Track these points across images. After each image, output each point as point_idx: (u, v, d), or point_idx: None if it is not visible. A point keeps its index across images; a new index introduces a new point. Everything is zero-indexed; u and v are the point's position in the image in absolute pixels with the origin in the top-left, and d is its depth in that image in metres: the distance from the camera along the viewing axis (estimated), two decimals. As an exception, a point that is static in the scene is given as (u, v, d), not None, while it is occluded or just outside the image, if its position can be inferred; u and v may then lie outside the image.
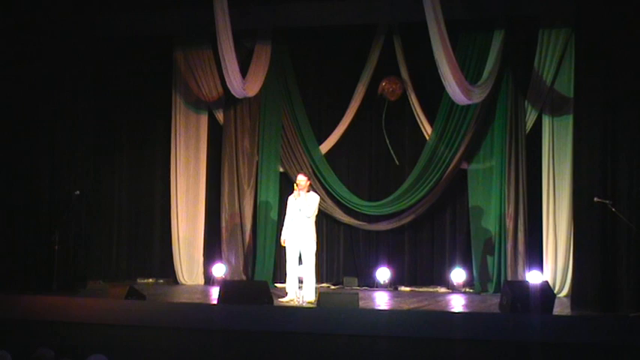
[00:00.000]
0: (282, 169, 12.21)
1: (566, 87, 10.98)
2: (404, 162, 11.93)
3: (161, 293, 10.84)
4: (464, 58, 11.18)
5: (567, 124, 10.86)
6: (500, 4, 11.02)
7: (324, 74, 12.26)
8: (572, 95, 10.40)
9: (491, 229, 11.29)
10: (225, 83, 11.25)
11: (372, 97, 11.82)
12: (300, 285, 9.77)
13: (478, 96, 10.80)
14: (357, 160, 12.22)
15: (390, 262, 11.81)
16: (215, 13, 10.14)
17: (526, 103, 11.24)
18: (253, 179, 12.23)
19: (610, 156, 8.88)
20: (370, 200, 11.97)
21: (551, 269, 10.95)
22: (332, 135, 12.03)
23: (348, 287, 11.69)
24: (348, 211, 12.00)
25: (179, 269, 12.33)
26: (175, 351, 7.96)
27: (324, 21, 11.53)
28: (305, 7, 11.47)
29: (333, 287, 11.85)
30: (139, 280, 12.35)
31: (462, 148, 11.42)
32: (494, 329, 7.58)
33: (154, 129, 12.75)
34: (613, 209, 8.66)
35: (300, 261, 9.79)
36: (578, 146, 9.33)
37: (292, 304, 9.54)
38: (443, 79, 10.08)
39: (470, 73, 11.16)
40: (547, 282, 9.67)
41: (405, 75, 11.66)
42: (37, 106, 10.57)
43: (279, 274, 11.73)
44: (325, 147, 12.06)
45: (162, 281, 12.41)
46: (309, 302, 9.48)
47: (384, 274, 11.67)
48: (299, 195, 9.81)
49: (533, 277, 10.72)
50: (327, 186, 11.99)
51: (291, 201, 9.91)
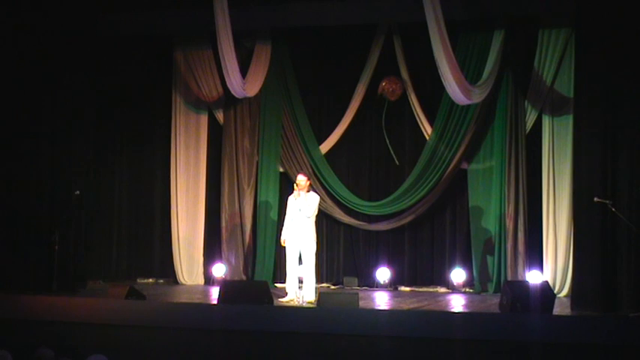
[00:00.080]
0: (282, 169, 12.20)
1: (566, 87, 10.98)
2: (404, 162, 11.93)
3: (161, 293, 10.83)
4: (464, 58, 11.18)
5: (567, 124, 10.85)
6: (500, 4, 11.01)
7: (324, 74, 12.25)
8: (572, 95, 10.39)
9: (491, 229, 11.29)
10: (225, 83, 11.25)
11: (372, 97, 11.82)
12: (300, 285, 9.76)
13: (478, 96, 10.80)
14: (357, 160, 12.22)
15: (390, 262, 11.81)
16: (215, 13, 10.15)
17: (526, 103, 11.23)
18: (253, 179, 12.23)
19: (610, 156, 8.87)
20: (370, 200, 11.97)
21: (551, 269, 10.95)
22: (332, 135, 12.03)
23: (348, 287, 11.69)
24: (348, 211, 12.00)
25: (179, 269, 12.33)
26: (175, 351, 7.95)
27: (324, 21, 11.52)
28: (305, 7, 11.45)
29: (333, 287, 11.86)
30: (139, 280, 12.35)
31: (462, 148, 11.42)
32: (494, 329, 7.57)
33: (154, 129, 12.74)
34: (613, 209, 8.65)
35: (300, 261, 9.78)
36: (578, 146, 9.31)
37: (292, 304, 9.53)
38: (443, 79, 10.08)
39: (470, 73, 11.15)
40: (547, 282, 9.67)
41: (405, 75, 11.67)
42: (37, 106, 10.57)
43: (279, 274, 11.74)
44: (325, 147, 12.06)
45: (162, 281, 12.41)
46: (309, 302, 9.47)
47: (384, 274, 11.67)
48: (299, 195, 9.80)
49: (533, 277, 10.72)
50: (327, 186, 11.99)
51: (291, 201, 9.90)
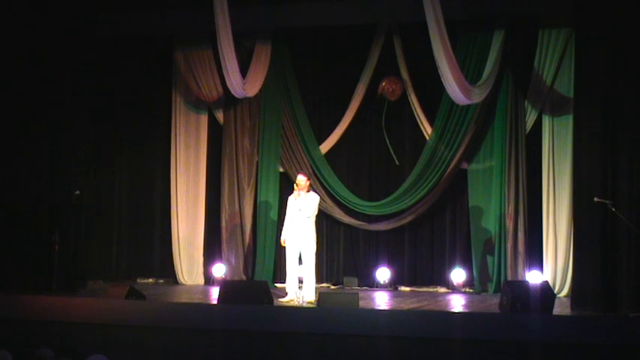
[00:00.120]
0: (282, 169, 12.20)
1: (566, 87, 10.98)
2: (404, 162, 11.93)
3: (161, 293, 10.83)
4: (464, 58, 11.18)
5: (567, 124, 10.85)
6: (500, 4, 11.02)
7: (324, 74, 12.24)
8: (572, 95, 10.39)
9: (491, 229, 11.29)
10: (225, 83, 11.24)
11: (372, 97, 11.81)
12: (300, 285, 9.76)
13: (478, 96, 10.80)
14: (357, 160, 12.21)
15: (389, 262, 11.81)
16: (215, 13, 10.13)
17: (526, 103, 11.23)
18: (253, 179, 12.23)
19: (610, 156, 8.87)
20: (370, 200, 11.97)
21: (551, 269, 10.95)
22: (332, 135, 12.03)
23: (348, 287, 11.69)
24: (348, 211, 12.00)
25: (179, 269, 12.33)
26: (175, 351, 7.95)
27: (324, 21, 11.52)
28: (305, 7, 11.46)
29: (333, 287, 11.85)
30: (139, 280, 12.35)
31: (462, 148, 11.42)
32: (494, 329, 7.57)
33: (154, 129, 12.74)
34: (613, 209, 8.65)
35: (300, 261, 9.78)
36: (578, 146, 9.31)
37: (292, 304, 9.52)
38: (443, 79, 10.07)
39: (470, 73, 11.15)
40: (547, 282, 9.67)
41: (405, 75, 11.66)
42: (37, 106, 10.56)
43: (279, 274, 11.74)
44: (325, 147, 12.06)
45: (162, 281, 12.41)
46: (309, 302, 9.47)
47: (384, 274, 11.67)
48: (299, 195, 9.79)
49: (533, 277, 10.71)
50: (327, 186, 11.98)
51: (291, 201, 9.90)
